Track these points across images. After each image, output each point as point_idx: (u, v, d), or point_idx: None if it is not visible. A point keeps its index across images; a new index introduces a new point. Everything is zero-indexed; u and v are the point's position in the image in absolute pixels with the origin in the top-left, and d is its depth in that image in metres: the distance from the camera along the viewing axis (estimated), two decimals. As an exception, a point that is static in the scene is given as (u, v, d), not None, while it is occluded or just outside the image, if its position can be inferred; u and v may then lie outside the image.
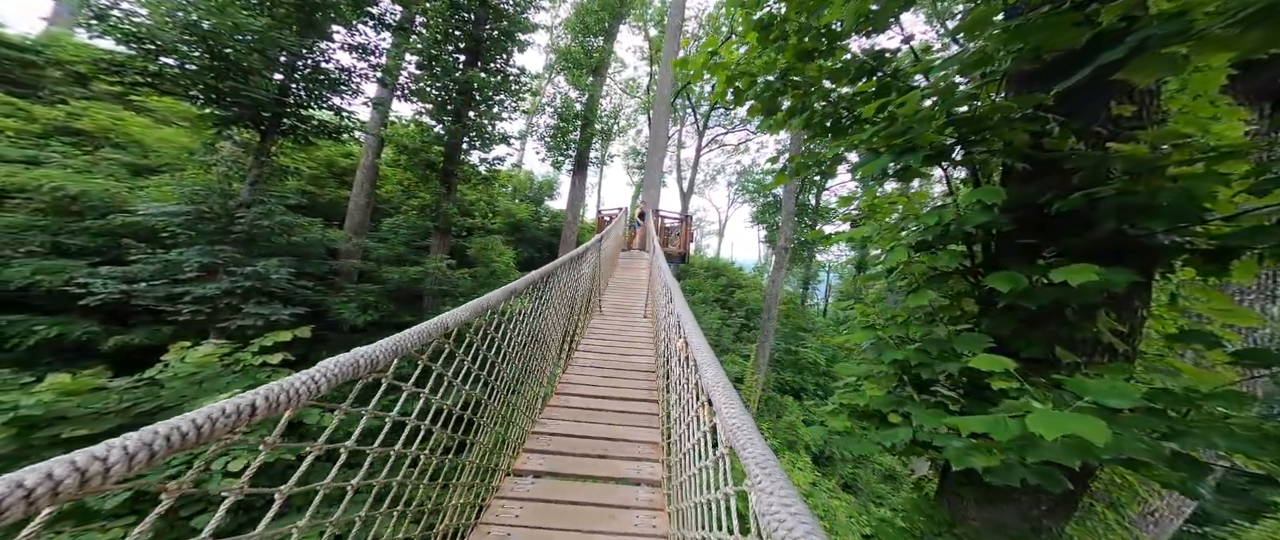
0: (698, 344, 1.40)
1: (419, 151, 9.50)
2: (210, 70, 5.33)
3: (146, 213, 5.62)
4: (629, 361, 3.63)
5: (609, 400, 2.87)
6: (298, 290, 6.34)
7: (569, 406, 2.75)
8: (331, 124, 7.02)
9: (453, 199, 10.37)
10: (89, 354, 6.03)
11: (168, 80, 5.28)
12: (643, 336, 4.43)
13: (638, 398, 2.95)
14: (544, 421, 2.49)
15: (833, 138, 2.70)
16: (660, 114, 11.62)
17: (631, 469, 2.17)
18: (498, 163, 11.03)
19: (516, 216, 15.23)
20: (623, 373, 3.38)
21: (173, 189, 6.03)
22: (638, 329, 4.69)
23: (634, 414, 2.72)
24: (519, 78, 10.96)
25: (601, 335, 4.35)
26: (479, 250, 11.19)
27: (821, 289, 29.34)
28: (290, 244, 6.80)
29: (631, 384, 3.18)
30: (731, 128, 25.55)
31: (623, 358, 3.71)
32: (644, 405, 2.85)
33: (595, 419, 2.61)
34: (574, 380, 3.13)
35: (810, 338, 18.82)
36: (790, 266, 23.96)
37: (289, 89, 6.22)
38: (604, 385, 3.09)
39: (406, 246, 9.89)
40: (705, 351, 1.31)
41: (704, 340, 1.52)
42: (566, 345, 3.40)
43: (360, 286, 7.49)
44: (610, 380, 3.19)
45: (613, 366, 3.49)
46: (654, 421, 2.65)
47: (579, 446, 2.31)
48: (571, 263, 3.37)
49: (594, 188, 32.29)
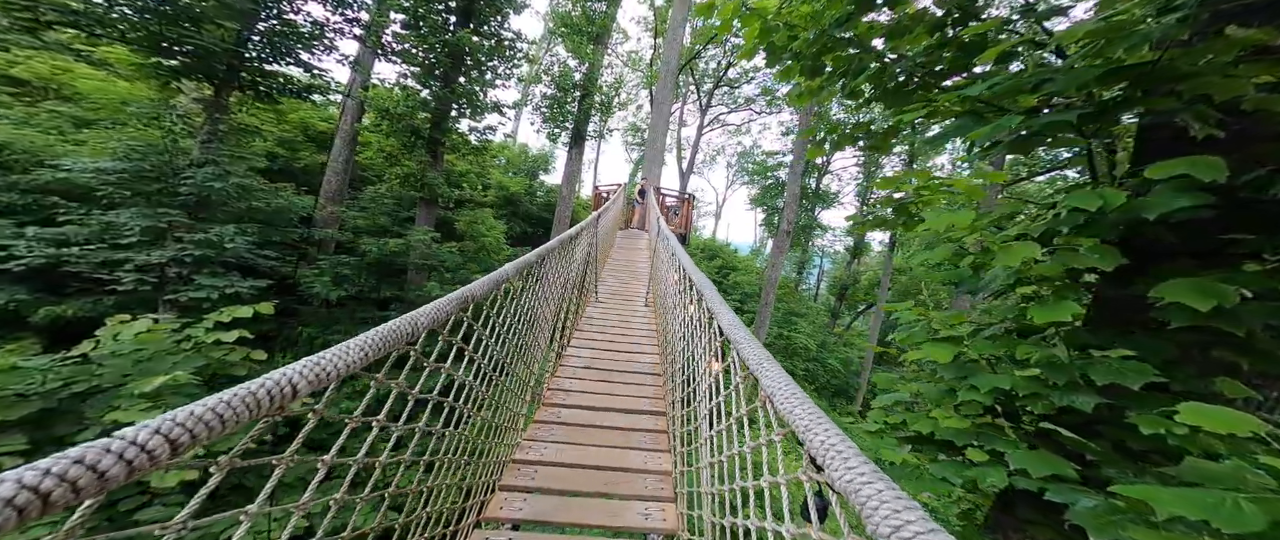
0: (753, 356, 0.90)
1: (403, 117, 8.61)
2: (155, 15, 4.45)
3: (74, 169, 4.81)
4: (632, 360, 3.09)
5: (609, 415, 2.34)
6: (259, 260, 5.65)
7: (559, 423, 2.21)
8: (298, 82, 6.16)
9: (440, 169, 9.56)
10: (19, 326, 5.32)
11: (97, 22, 4.39)
12: (645, 330, 3.87)
13: (643, 409, 2.43)
14: (526, 446, 1.95)
15: (891, 104, 2.11)
16: (665, 85, 10.77)
17: (639, 514, 1.65)
18: (489, 132, 10.17)
19: (509, 190, 14.41)
20: (624, 375, 2.84)
21: (116, 145, 5.21)
22: (640, 321, 4.13)
23: (640, 431, 2.20)
24: (514, 42, 10.00)
25: (598, 327, 3.79)
26: (467, 224, 10.46)
27: (814, 275, 29.13)
28: (252, 209, 6.05)
29: (635, 391, 2.64)
30: (735, 106, 24.58)
31: (624, 356, 3.17)
32: (651, 420, 2.32)
33: (592, 439, 2.08)
34: (566, 387, 2.58)
35: (801, 322, 18.68)
36: (788, 252, 23.58)
37: (247, 40, 5.34)
38: (602, 393, 2.55)
39: (388, 217, 9.14)
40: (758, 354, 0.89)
41: (761, 348, 0.98)
42: (555, 341, 2.85)
43: (336, 258, 6.79)
44: (609, 387, 2.65)
45: (612, 367, 2.95)
46: (663, 442, 2.13)
47: (571, 480, 1.78)
48: (563, 247, 2.76)
49: (591, 165, 31.24)
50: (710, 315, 1.40)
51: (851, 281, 23.15)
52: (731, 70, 22.55)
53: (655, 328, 3.82)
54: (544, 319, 2.41)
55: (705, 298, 1.50)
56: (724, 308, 1.32)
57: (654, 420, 2.30)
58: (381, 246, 7.04)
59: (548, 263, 2.34)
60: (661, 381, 2.76)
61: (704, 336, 1.52)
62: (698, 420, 1.53)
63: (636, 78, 22.97)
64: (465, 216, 10.55)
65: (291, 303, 7.01)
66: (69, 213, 5.11)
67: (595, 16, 11.71)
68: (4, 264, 4.81)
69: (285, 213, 7.08)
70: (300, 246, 7.20)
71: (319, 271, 6.20)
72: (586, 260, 4.10)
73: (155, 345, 4.70)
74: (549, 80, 11.53)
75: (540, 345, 2.38)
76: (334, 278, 6.42)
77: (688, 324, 1.87)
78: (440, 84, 9.01)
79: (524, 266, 1.79)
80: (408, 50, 8.83)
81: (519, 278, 1.74)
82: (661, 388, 2.66)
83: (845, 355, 19.10)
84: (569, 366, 2.86)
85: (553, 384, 2.59)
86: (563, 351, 3.06)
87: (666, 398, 2.46)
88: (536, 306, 2.17)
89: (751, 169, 25.03)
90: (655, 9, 19.68)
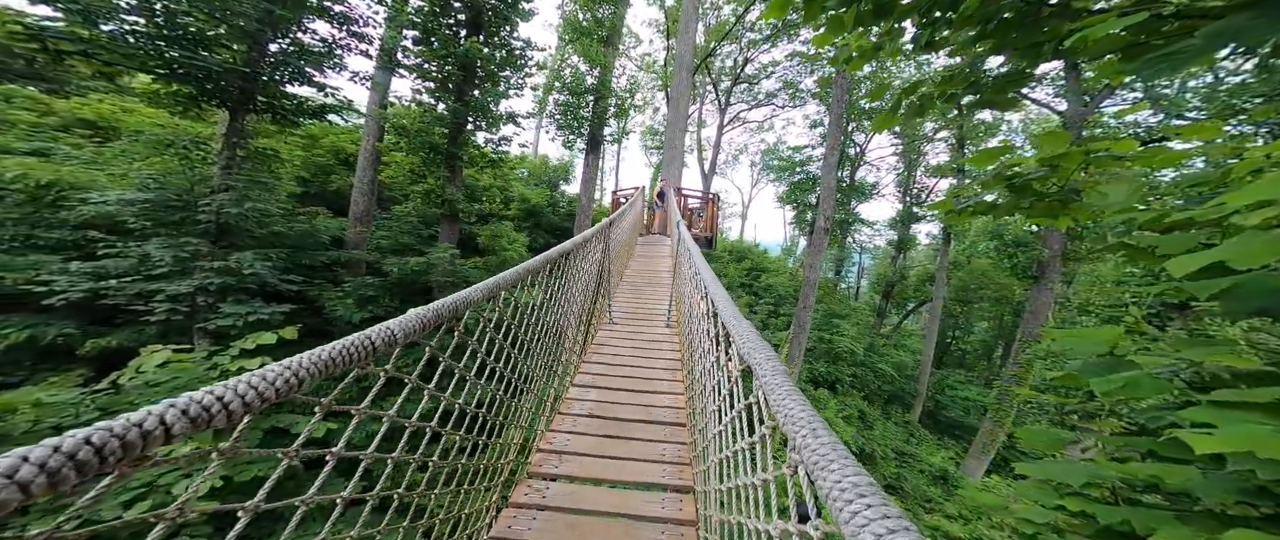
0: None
1: (420, 133, 8.64)
2: (158, 36, 4.50)
3: (102, 200, 4.94)
4: (649, 409, 2.37)
5: (615, 496, 1.73)
6: (283, 285, 5.63)
7: (549, 509, 1.61)
8: (313, 104, 6.18)
9: (459, 183, 9.52)
10: (69, 358, 5.55)
11: (105, 49, 4.48)
12: (667, 362, 3.04)
13: (663, 478, 1.83)
14: (507, 526, 1.46)
15: (1005, 45, 1.42)
16: (682, 82, 10.28)
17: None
18: (505, 144, 10.06)
19: (531, 202, 14.34)
20: (640, 427, 2.20)
21: (136, 176, 5.36)
22: (661, 352, 3.25)
23: (654, 520, 1.60)
24: (524, 51, 9.89)
25: (608, 359, 3.02)
26: (488, 239, 10.36)
27: (853, 271, 27.33)
28: (276, 235, 6.08)
29: (652, 452, 2.02)
30: (754, 102, 23.68)
31: (639, 403, 2.44)
32: (673, 504, 1.71)
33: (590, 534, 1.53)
34: (562, 447, 1.97)
35: (844, 324, 17.38)
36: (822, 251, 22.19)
37: (257, 61, 5.36)
38: (609, 455, 1.96)
39: (412, 235, 9.16)
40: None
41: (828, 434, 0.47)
42: (554, 380, 2.31)
43: (361, 279, 6.76)
44: (617, 446, 2.02)
45: (625, 416, 2.28)
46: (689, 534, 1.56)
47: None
48: (561, 266, 2.26)
49: (611, 172, 31.16)
50: (762, 398, 0.84)
51: (898, 278, 21.46)
52: (748, 66, 21.74)
53: (680, 357, 3.13)
54: (532, 377, 1.92)
55: (740, 346, 0.96)
56: (773, 374, 0.77)
57: (677, 505, 1.70)
58: (403, 265, 6.94)
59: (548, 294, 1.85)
60: (686, 436, 2.14)
61: (747, 431, 0.96)
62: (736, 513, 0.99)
63: (652, 81, 22.65)
64: (485, 231, 10.46)
65: (320, 325, 7.05)
66: (108, 245, 5.28)
67: (604, 19, 11.44)
68: (47, 298, 4.99)
69: (311, 236, 7.14)
70: (331, 269, 7.24)
71: (343, 294, 6.15)
72: (601, 276, 3.59)
73: (188, 374, 4.77)
74: (560, 86, 11.33)
75: (525, 409, 1.89)
76: (358, 299, 6.35)
77: (712, 374, 1.33)
78: (454, 98, 8.99)
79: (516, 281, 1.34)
80: (421, 65, 8.87)
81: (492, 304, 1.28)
82: (685, 450, 2.02)
83: (897, 358, 17.56)
84: (573, 414, 2.28)
85: (546, 443, 2.03)
86: (566, 391, 2.54)
87: (692, 468, 1.86)
88: (516, 370, 1.70)
89: (777, 165, 23.95)
90: (666, 9, 19.30)
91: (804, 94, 21.39)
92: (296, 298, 6.23)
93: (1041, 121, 19.53)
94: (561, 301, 2.31)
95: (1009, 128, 19.41)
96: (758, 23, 19.76)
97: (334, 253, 7.11)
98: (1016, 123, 19.50)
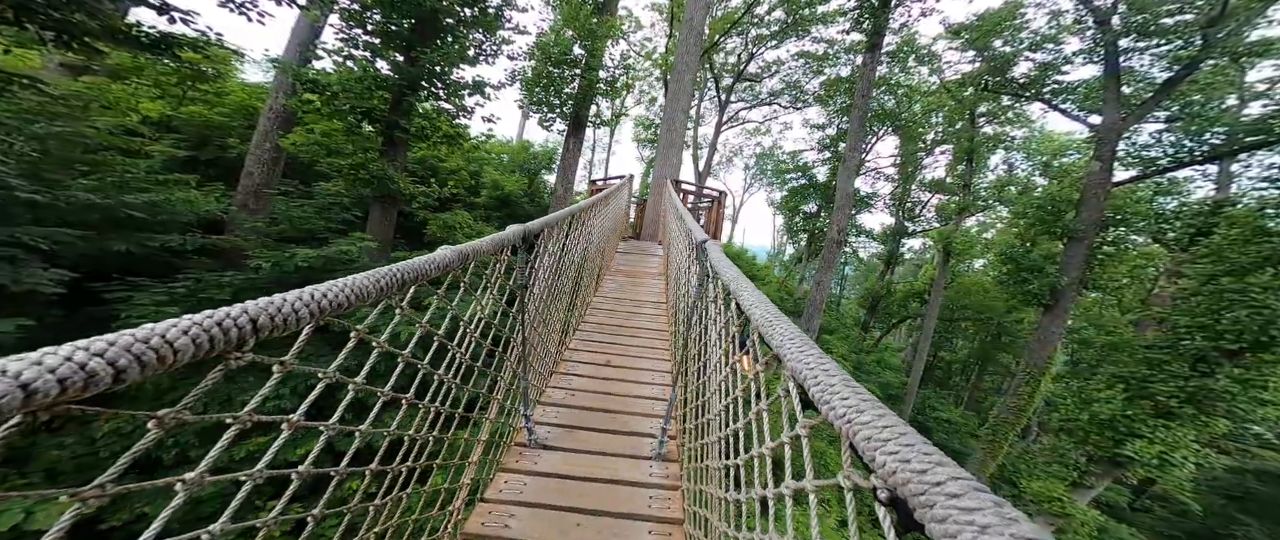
0: None
1: (348, 94, 6.35)
2: None
3: None
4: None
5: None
6: (27, 279, 3.36)
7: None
8: (147, 34, 3.91)
9: (400, 160, 7.27)
10: None
11: None
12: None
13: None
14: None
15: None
16: (687, 47, 8.22)
17: None
18: (464, 115, 7.82)
19: (505, 189, 12.08)
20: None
21: None
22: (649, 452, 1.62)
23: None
24: (500, 9, 7.67)
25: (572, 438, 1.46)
26: (440, 229, 8.14)
27: (837, 282, 26.01)
28: (68, 204, 3.80)
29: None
30: (755, 101, 21.82)
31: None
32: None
33: None
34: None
35: (832, 339, 15.92)
36: (810, 260, 20.55)
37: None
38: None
39: (327, 218, 6.90)
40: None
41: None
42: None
43: (217, 276, 4.51)
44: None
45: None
46: None
47: None
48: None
49: (600, 165, 28.87)
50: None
51: (884, 293, 20.09)
52: (752, 62, 19.83)
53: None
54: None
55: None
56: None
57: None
58: (286, 259, 4.73)
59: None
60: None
61: None
62: None
63: (650, 70, 20.45)
64: (437, 220, 8.23)
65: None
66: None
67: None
68: None
69: (163, 211, 4.84)
70: (183, 257, 4.96)
71: (167, 299, 3.90)
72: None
73: None
74: (542, 56, 9.10)
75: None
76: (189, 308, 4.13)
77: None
78: (403, 53, 6.73)
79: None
80: (357, 10, 6.57)
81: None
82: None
83: (883, 378, 16.19)
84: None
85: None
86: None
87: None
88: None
89: (781, 168, 22.16)
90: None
91: (808, 96, 19.60)
92: (67, 298, 3.92)
93: (1043, 139, 18.32)
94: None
95: (1012, 143, 18.11)
96: (767, 16, 17.82)
97: (193, 239, 4.84)
98: (1018, 138, 18.22)
